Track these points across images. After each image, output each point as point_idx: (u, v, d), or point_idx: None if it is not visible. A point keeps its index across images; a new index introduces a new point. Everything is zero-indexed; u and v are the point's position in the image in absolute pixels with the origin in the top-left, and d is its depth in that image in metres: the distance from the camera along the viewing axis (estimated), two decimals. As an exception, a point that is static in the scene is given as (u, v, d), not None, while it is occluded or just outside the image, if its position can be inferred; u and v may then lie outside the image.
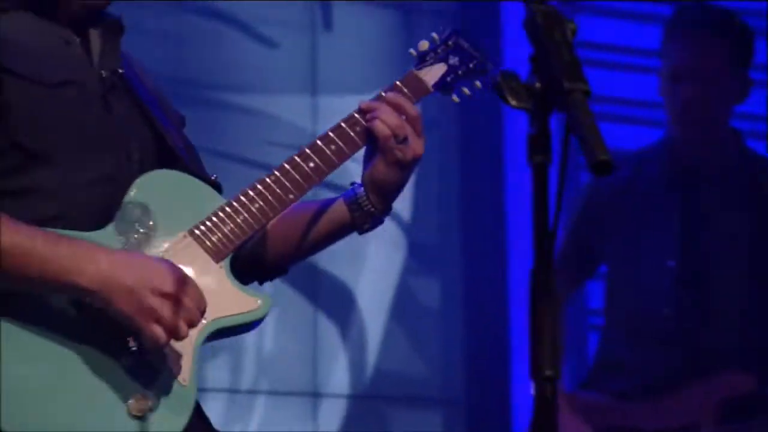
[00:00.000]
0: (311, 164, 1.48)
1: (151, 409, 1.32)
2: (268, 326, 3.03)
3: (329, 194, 1.60)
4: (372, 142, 1.48)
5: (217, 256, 1.43)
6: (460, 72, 1.61)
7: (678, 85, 2.50)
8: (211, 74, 3.21)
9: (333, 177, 1.54)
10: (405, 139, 1.46)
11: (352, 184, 1.51)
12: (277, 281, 1.63)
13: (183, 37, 3.17)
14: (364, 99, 1.53)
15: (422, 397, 3.26)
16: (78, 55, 1.45)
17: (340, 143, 1.49)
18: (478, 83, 1.61)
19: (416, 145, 1.48)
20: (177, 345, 1.35)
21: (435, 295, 3.31)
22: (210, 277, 1.43)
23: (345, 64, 3.33)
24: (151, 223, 1.41)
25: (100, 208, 1.38)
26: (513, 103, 1.04)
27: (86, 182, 1.38)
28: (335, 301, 3.24)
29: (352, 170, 1.55)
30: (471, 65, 1.62)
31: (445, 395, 3.27)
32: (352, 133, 1.49)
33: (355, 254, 3.15)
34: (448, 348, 3.29)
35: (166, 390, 1.34)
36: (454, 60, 1.60)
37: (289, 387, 3.19)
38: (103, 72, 1.45)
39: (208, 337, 1.42)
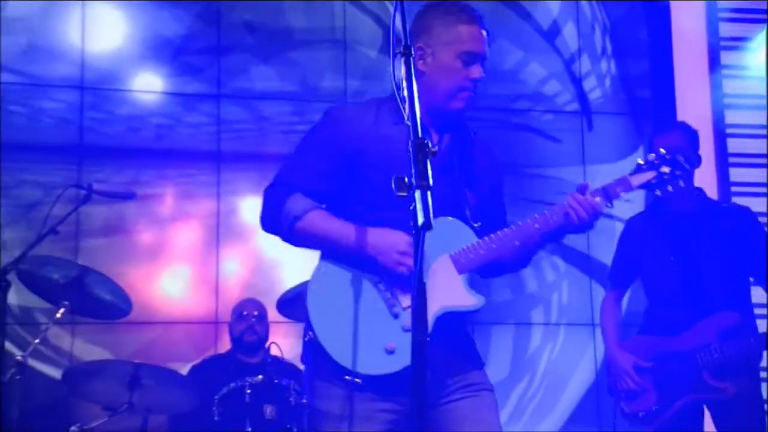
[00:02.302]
0: (536, 225, 2.39)
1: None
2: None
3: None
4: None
5: (460, 269, 2.38)
6: (665, 177, 2.50)
7: None
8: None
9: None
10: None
11: None
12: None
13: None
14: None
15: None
16: None
17: (554, 218, 2.38)
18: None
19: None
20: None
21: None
22: (449, 280, 2.36)
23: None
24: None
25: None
26: None
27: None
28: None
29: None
30: (677, 173, 2.49)
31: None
32: (557, 216, 2.39)
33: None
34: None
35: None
36: (665, 168, 2.49)
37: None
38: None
39: (439, 317, 2.31)
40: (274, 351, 3.82)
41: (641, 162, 2.51)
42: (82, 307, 3.59)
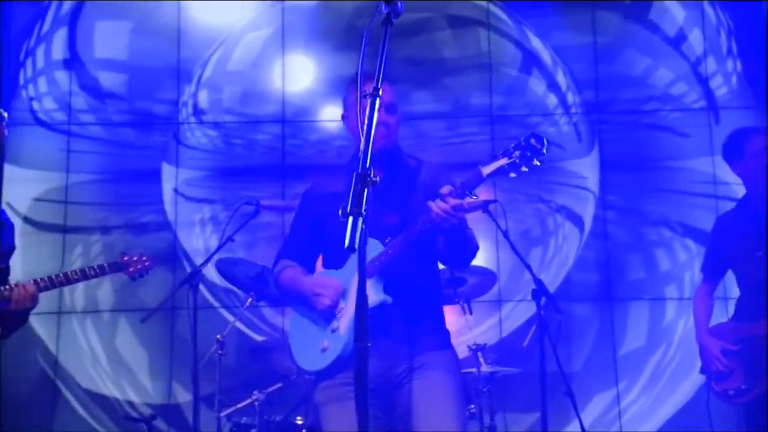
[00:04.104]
0: (418, 226, 2.78)
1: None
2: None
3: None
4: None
5: (369, 275, 2.74)
6: (516, 162, 2.67)
7: None
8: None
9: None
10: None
11: None
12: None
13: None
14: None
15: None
16: None
17: (425, 221, 2.77)
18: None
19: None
20: (342, 323, 2.86)
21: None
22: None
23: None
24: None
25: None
26: None
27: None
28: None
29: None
30: (528, 154, 2.66)
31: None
32: (426, 219, 2.75)
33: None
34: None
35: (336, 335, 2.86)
36: (516, 153, 2.67)
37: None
38: None
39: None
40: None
41: (501, 151, 2.72)
42: (266, 296, 4.39)
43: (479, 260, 5.24)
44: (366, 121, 2.19)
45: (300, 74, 5.77)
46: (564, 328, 5.08)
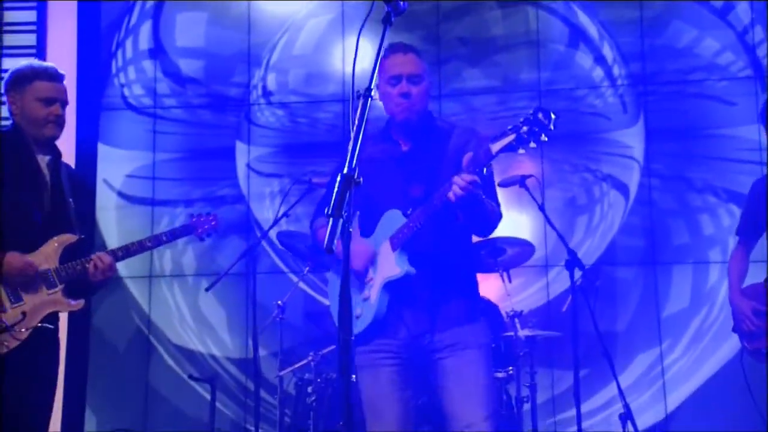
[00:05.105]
0: (435, 202, 2.77)
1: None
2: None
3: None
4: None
5: (393, 247, 2.87)
6: (524, 137, 2.53)
7: None
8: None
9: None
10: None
11: None
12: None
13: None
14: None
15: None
16: None
17: (442, 196, 2.75)
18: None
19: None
20: (373, 292, 2.90)
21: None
22: (386, 257, 2.90)
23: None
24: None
25: None
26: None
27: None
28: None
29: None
30: (535, 129, 2.52)
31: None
32: (443, 194, 2.75)
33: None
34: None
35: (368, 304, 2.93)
36: (524, 128, 2.54)
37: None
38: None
39: (385, 285, 2.88)
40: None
41: (509, 127, 2.61)
42: (321, 264, 4.81)
43: (525, 229, 5.56)
44: (356, 121, 2.23)
45: (359, 56, 6.08)
46: (603, 292, 5.37)
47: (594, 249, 5.81)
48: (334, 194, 2.05)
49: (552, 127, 2.56)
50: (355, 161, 2.10)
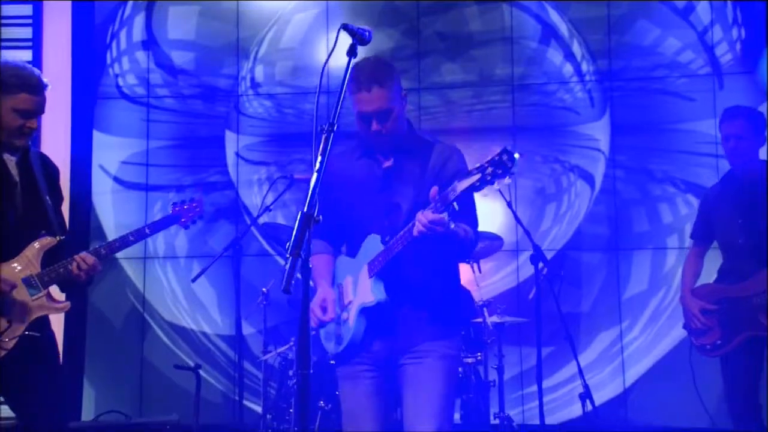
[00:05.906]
0: (408, 233, 2.73)
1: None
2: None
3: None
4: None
5: (370, 273, 2.84)
6: (488, 179, 2.52)
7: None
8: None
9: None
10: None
11: None
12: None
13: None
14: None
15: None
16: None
17: (408, 233, 2.73)
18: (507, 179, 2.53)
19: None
20: (351, 314, 2.89)
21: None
22: (363, 283, 2.89)
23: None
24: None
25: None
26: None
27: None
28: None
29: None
30: (498, 172, 2.50)
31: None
32: (409, 232, 2.73)
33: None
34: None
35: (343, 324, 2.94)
36: (489, 170, 2.51)
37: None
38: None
39: (361, 310, 2.89)
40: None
41: (476, 166, 2.60)
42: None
43: (498, 216, 5.88)
44: (319, 157, 2.18)
45: (342, 50, 6.30)
46: (569, 276, 5.72)
47: (561, 235, 6.14)
48: (293, 234, 2.05)
49: (515, 170, 2.56)
50: (316, 198, 2.10)
